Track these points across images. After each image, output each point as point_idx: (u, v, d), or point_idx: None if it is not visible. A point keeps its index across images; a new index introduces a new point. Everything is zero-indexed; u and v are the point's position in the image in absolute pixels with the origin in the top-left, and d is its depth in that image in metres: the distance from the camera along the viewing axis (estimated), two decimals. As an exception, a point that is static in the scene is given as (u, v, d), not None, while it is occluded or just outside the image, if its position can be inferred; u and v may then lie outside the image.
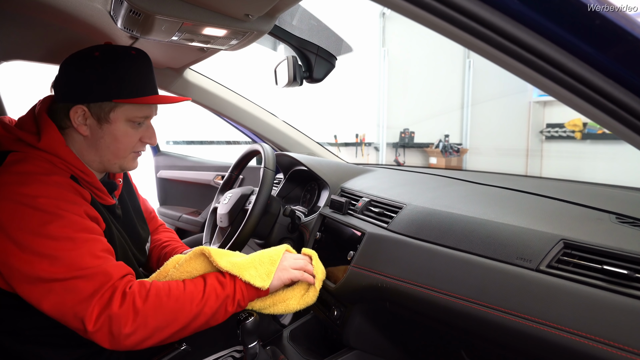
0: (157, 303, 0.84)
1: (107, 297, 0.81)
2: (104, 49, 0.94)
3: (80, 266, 0.81)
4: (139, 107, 0.96)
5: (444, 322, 0.85)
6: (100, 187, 0.97)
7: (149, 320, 0.82)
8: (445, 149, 5.52)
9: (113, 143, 0.96)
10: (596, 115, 0.54)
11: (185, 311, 0.85)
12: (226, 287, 0.91)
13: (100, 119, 0.94)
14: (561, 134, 5.31)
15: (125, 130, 0.96)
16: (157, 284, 0.87)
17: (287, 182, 1.66)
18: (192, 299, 0.87)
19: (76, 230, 0.84)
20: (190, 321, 0.86)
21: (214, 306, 0.88)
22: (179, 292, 0.87)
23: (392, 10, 0.54)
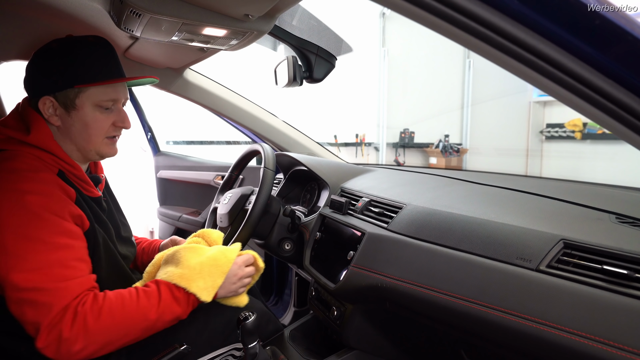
0: (109, 321, 0.85)
1: (59, 318, 0.82)
2: (61, 40, 0.97)
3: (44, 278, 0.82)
4: (104, 91, 0.97)
5: (444, 322, 0.85)
6: (87, 180, 0.99)
7: (98, 337, 0.84)
8: (445, 149, 5.51)
9: (84, 129, 0.97)
10: (596, 115, 0.54)
11: (137, 327, 0.89)
12: (181, 303, 0.94)
13: (68, 107, 0.96)
14: (561, 134, 5.31)
15: (93, 115, 0.97)
16: (110, 299, 0.87)
17: (287, 182, 1.66)
18: (145, 315, 0.89)
19: (54, 233, 0.85)
20: (141, 334, 0.90)
21: (166, 320, 0.93)
22: (132, 307, 0.88)
23: (392, 10, 0.54)
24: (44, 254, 0.83)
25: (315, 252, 1.26)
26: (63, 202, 0.89)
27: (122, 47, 1.32)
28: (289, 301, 1.89)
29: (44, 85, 0.96)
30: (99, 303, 0.86)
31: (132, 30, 1.02)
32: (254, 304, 1.20)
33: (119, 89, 1.01)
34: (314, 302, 1.25)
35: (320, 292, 1.21)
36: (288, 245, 1.34)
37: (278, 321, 1.31)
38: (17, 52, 1.30)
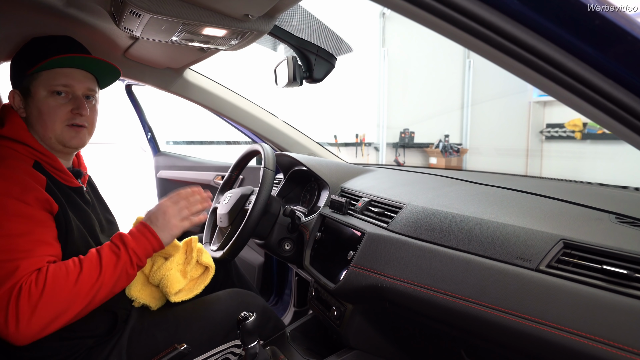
0: (54, 292, 0.83)
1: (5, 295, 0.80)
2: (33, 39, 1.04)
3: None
4: (54, 75, 0.99)
5: (444, 322, 0.85)
6: (63, 169, 1.01)
7: (47, 311, 0.82)
8: (445, 149, 5.51)
9: (39, 116, 0.99)
10: (596, 115, 0.54)
11: (83, 292, 0.86)
12: (121, 256, 0.92)
13: (26, 96, 1.00)
14: (561, 134, 5.31)
15: (46, 101, 0.99)
16: (51, 272, 0.85)
17: (287, 182, 1.66)
18: (90, 278, 0.87)
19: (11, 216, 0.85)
20: (93, 297, 0.87)
21: (113, 276, 0.90)
22: (74, 275, 0.86)
23: (392, 10, 0.54)
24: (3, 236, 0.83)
25: (315, 252, 1.26)
26: (28, 187, 0.89)
27: (122, 47, 1.32)
28: (289, 301, 1.89)
29: (11, 80, 1.04)
30: (42, 278, 0.83)
31: (132, 30, 1.02)
32: (255, 302, 1.20)
33: (73, 74, 1.01)
34: (314, 302, 1.25)
35: (320, 292, 1.21)
36: (288, 245, 1.34)
37: (279, 320, 1.31)
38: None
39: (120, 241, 0.94)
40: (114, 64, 1.07)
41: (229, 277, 1.40)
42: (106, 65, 1.06)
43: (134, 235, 0.96)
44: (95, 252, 0.92)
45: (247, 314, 0.89)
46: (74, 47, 1.05)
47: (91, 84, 1.05)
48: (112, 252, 0.92)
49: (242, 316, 0.89)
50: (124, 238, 0.95)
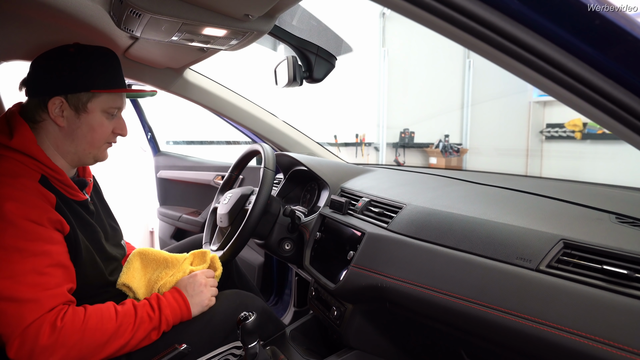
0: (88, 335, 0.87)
1: (34, 330, 0.82)
2: (77, 46, 1.01)
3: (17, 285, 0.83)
4: (113, 98, 1.02)
5: (444, 322, 0.85)
6: (71, 184, 1.00)
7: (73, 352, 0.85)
8: (445, 149, 5.51)
9: (89, 133, 1.01)
10: (596, 115, 0.54)
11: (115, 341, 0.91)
12: (153, 320, 0.97)
13: (78, 109, 0.99)
14: (561, 134, 5.31)
15: (101, 120, 1.02)
16: (90, 314, 0.89)
17: (287, 182, 1.66)
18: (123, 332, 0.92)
19: (29, 240, 0.86)
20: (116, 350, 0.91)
21: (140, 337, 0.95)
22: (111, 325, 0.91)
23: (392, 10, 0.54)
24: (19, 263, 0.84)
25: (315, 252, 1.26)
26: (41, 208, 0.90)
27: (122, 47, 1.32)
28: (289, 301, 1.89)
29: (57, 85, 0.98)
30: (79, 317, 0.87)
31: (132, 30, 1.02)
32: (255, 303, 1.20)
33: (123, 98, 1.07)
34: (314, 302, 1.25)
35: (320, 292, 1.21)
36: (288, 245, 1.34)
37: (279, 320, 1.31)
38: (17, 52, 1.30)
39: (158, 306, 0.99)
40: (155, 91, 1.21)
41: (229, 277, 1.40)
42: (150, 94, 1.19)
43: (169, 301, 1.02)
44: (132, 309, 0.96)
45: (247, 314, 0.89)
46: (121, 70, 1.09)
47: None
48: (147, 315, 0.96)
49: (242, 316, 0.89)
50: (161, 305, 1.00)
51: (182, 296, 1.04)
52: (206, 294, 1.08)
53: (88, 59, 1.00)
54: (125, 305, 0.96)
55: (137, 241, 3.24)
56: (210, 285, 1.11)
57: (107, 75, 1.02)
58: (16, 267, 0.84)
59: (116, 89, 1.02)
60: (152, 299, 1.01)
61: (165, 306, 1.00)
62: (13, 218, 0.85)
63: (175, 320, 1.01)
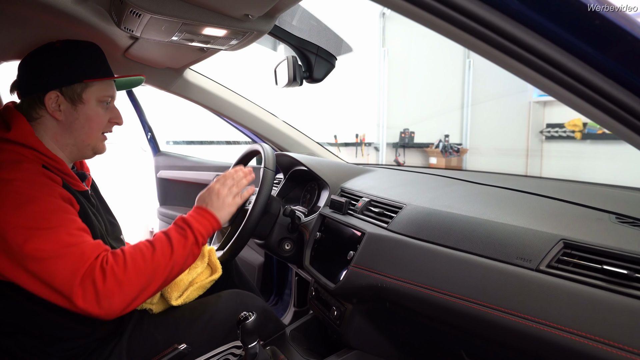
0: (135, 270, 0.90)
1: (89, 275, 0.85)
2: (62, 41, 1.02)
3: (57, 246, 0.85)
4: (105, 87, 1.04)
5: (444, 322, 0.85)
6: (71, 174, 1.01)
7: (132, 287, 0.89)
8: (445, 149, 5.51)
9: (87, 123, 1.02)
10: (596, 115, 0.54)
11: (162, 269, 0.93)
12: (188, 237, 0.99)
13: (74, 101, 1.00)
14: (561, 134, 5.31)
15: (96, 110, 1.03)
16: (128, 252, 0.92)
17: (287, 182, 1.66)
18: (164, 256, 0.94)
19: (51, 211, 0.88)
20: (169, 273, 0.95)
21: (184, 255, 0.97)
22: (149, 253, 0.93)
23: (392, 10, 0.54)
24: (49, 228, 0.86)
25: (315, 252, 1.26)
26: (51, 186, 0.91)
27: (122, 47, 1.32)
28: (289, 301, 1.89)
29: (50, 80, 0.98)
30: (121, 257, 0.90)
31: (132, 30, 1.02)
32: (255, 303, 1.20)
33: (114, 86, 1.08)
34: (314, 302, 1.25)
35: (320, 292, 1.21)
36: (288, 245, 1.34)
37: (279, 320, 1.31)
38: (17, 52, 1.30)
39: (185, 224, 1.01)
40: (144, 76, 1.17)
41: (229, 277, 1.40)
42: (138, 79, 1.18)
43: (196, 217, 1.03)
44: (163, 235, 0.98)
45: (247, 314, 0.89)
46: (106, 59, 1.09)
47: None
48: (180, 234, 0.99)
49: (242, 316, 0.89)
50: (188, 221, 1.02)
51: (204, 209, 1.07)
52: (227, 200, 1.10)
53: (76, 51, 1.01)
54: (155, 236, 0.99)
55: (137, 241, 3.24)
56: (229, 187, 1.12)
57: (96, 65, 1.03)
58: (48, 233, 0.85)
59: (107, 77, 1.04)
60: (178, 221, 1.02)
61: (194, 222, 1.02)
62: (30, 192, 0.87)
63: (208, 232, 1.04)
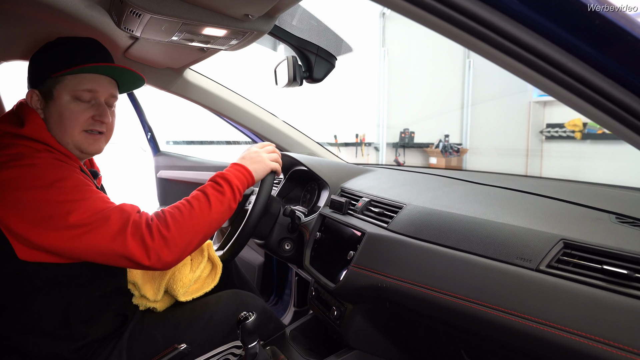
0: (178, 227, 0.93)
1: (137, 230, 0.89)
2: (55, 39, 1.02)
3: (97, 210, 0.88)
4: (79, 81, 0.98)
5: (444, 322, 0.85)
6: (85, 170, 1.01)
7: (178, 242, 0.92)
8: (445, 149, 5.51)
9: (59, 120, 0.98)
10: (596, 115, 0.54)
11: (202, 223, 0.97)
12: (225, 192, 1.02)
13: (47, 97, 0.99)
14: (561, 134, 5.31)
15: (69, 106, 0.98)
16: (168, 211, 0.95)
17: (287, 182, 1.66)
18: (202, 212, 0.97)
19: (80, 184, 0.91)
20: (209, 228, 0.98)
21: (221, 210, 1.00)
22: (188, 210, 0.96)
23: (392, 10, 0.54)
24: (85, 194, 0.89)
25: (315, 252, 1.26)
26: (72, 166, 0.94)
27: (122, 47, 1.32)
28: (289, 301, 1.89)
29: (31, 79, 1.02)
30: (162, 216, 0.94)
31: (132, 30, 1.02)
32: (255, 303, 1.20)
33: (99, 80, 1.00)
34: (314, 302, 1.25)
35: (320, 292, 1.21)
36: (288, 245, 1.35)
37: (279, 320, 1.31)
38: (17, 52, 1.30)
39: (223, 179, 1.04)
40: (139, 74, 1.07)
41: (229, 278, 1.40)
42: (131, 74, 1.06)
43: (232, 171, 1.07)
44: (201, 193, 1.00)
45: (247, 314, 0.89)
46: (101, 52, 1.04)
47: (114, 90, 1.05)
48: (217, 191, 1.01)
49: (242, 316, 0.89)
50: (225, 175, 1.05)
51: (242, 166, 1.10)
52: (265, 156, 1.15)
53: (54, 46, 1.01)
54: (194, 193, 1.01)
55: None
56: (267, 150, 1.18)
57: (68, 56, 0.98)
58: (87, 203, 0.88)
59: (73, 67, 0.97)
60: (216, 176, 1.05)
61: (232, 177, 1.05)
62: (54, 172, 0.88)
63: (244, 186, 1.07)
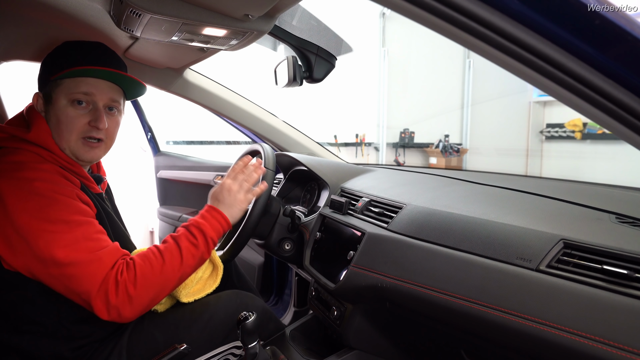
0: (146, 284, 0.90)
1: (104, 288, 0.87)
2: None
3: (76, 253, 0.86)
4: (76, 83, 0.95)
5: (444, 322, 0.85)
6: (87, 176, 1.01)
7: (141, 299, 0.90)
8: (445, 149, 5.51)
9: (57, 124, 0.96)
10: (596, 115, 0.54)
11: (170, 280, 0.95)
12: (199, 246, 0.99)
13: (47, 101, 0.98)
14: (561, 134, 5.31)
15: (66, 110, 0.95)
16: (139, 264, 0.92)
17: (287, 182, 1.66)
18: (173, 268, 0.94)
19: (71, 213, 0.89)
20: (177, 283, 0.97)
21: (193, 264, 0.98)
22: (159, 265, 0.93)
23: (392, 10, 0.54)
24: (69, 232, 0.87)
25: (315, 252, 1.26)
26: (70, 187, 0.92)
27: (122, 47, 1.32)
28: (289, 301, 1.89)
29: (38, 81, 1.02)
30: (133, 270, 0.90)
31: (132, 30, 1.02)
32: (255, 303, 1.20)
33: (97, 84, 0.97)
34: (314, 302, 1.25)
35: (320, 292, 1.21)
36: (288, 245, 1.35)
37: (279, 320, 1.31)
38: (17, 52, 1.30)
39: (199, 231, 1.00)
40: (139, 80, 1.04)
41: (229, 278, 1.40)
42: (131, 80, 1.02)
43: (208, 220, 1.02)
44: (173, 244, 0.97)
45: (247, 314, 0.89)
46: (105, 56, 1.01)
47: (115, 94, 1.02)
48: (190, 243, 0.98)
49: (242, 316, 0.89)
50: (201, 226, 1.00)
51: (218, 212, 1.04)
52: (239, 196, 1.08)
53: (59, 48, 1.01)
54: (168, 244, 0.97)
55: (137, 241, 3.23)
56: (239, 183, 1.10)
57: (64, 60, 0.96)
58: (68, 237, 0.86)
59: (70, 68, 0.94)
60: (191, 226, 1.00)
61: (206, 228, 1.00)
62: (49, 194, 0.87)
63: (219, 235, 1.03)
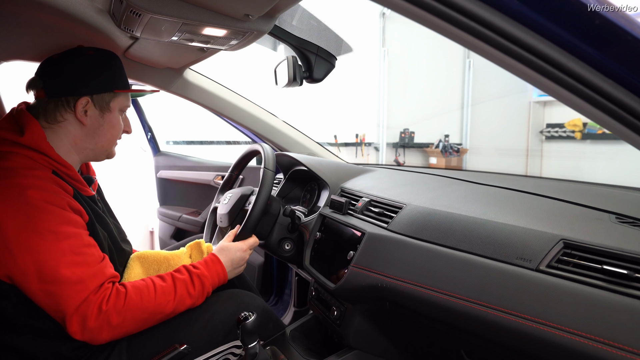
0: (131, 317, 0.93)
1: (83, 312, 0.88)
2: (95, 49, 1.07)
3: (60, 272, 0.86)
4: (127, 98, 1.10)
5: (444, 322, 0.85)
6: (79, 179, 1.02)
7: (123, 330, 0.93)
8: (445, 149, 5.51)
9: (110, 130, 1.07)
10: (596, 115, 0.54)
11: (154, 319, 0.98)
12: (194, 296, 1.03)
13: (103, 109, 1.05)
14: (561, 134, 5.31)
15: (118, 118, 1.09)
16: (130, 297, 0.93)
17: (287, 182, 1.66)
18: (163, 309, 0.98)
19: (60, 223, 0.89)
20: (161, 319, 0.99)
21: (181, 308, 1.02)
22: (151, 302, 0.96)
23: (392, 10, 0.54)
24: (55, 245, 0.87)
25: (315, 252, 1.26)
26: (61, 195, 0.92)
27: (122, 47, 1.32)
28: (289, 301, 1.89)
29: (84, 86, 1.02)
30: (121, 301, 0.92)
31: (132, 30, 1.02)
32: (255, 303, 1.20)
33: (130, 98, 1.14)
34: (314, 302, 1.25)
35: (320, 292, 1.21)
36: (288, 245, 1.35)
37: (279, 320, 1.31)
38: (17, 52, 1.30)
39: (199, 281, 1.04)
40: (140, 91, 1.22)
41: (229, 278, 1.40)
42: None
43: (212, 274, 1.08)
44: (171, 286, 1.00)
45: (247, 314, 0.89)
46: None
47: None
48: (187, 291, 1.02)
49: (242, 316, 0.89)
50: (203, 278, 1.05)
51: (224, 270, 1.11)
52: (243, 266, 1.19)
53: (108, 61, 1.06)
54: (166, 284, 1.00)
55: (137, 241, 3.24)
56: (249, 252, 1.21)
57: (124, 76, 1.10)
58: (54, 250, 0.87)
59: (130, 90, 1.10)
60: (194, 274, 1.04)
61: (208, 282, 1.06)
62: (40, 204, 0.88)
63: (214, 288, 1.09)
